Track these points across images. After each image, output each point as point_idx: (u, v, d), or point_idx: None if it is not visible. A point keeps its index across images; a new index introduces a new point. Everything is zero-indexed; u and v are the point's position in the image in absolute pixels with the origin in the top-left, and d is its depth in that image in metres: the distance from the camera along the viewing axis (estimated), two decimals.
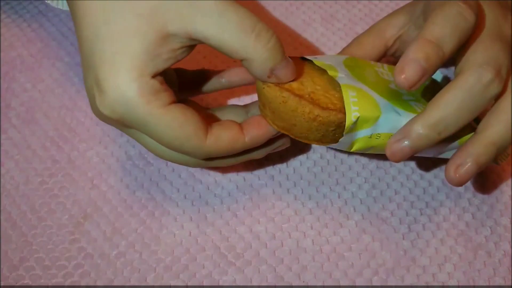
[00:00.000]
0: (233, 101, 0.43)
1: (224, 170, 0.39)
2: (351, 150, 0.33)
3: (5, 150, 0.40)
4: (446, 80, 0.40)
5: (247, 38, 0.29)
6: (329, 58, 0.35)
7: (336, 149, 0.40)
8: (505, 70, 0.30)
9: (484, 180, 0.39)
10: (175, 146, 0.31)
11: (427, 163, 0.39)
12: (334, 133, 0.31)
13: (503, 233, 0.36)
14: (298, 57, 0.35)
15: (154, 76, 0.29)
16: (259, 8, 0.48)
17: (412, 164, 0.39)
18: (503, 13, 0.33)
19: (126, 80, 0.28)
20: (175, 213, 0.37)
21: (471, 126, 0.34)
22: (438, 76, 0.39)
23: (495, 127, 0.30)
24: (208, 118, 0.34)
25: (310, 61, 0.34)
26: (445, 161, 0.39)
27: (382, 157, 0.38)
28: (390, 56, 0.39)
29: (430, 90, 0.36)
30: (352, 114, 0.30)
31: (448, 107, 0.29)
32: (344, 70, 0.33)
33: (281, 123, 0.32)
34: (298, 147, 0.40)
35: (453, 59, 0.33)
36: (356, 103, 0.31)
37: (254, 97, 0.43)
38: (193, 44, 0.30)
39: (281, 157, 0.40)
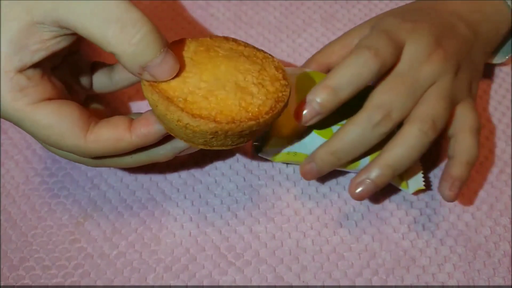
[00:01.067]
0: None
1: (224, 170, 0.39)
2: (275, 161, 0.38)
3: (5, 150, 0.40)
4: None
5: (110, 30, 0.26)
6: (293, 71, 0.38)
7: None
8: (397, 113, 0.33)
9: (484, 179, 0.39)
10: (52, 144, 0.30)
11: (426, 164, 0.39)
12: (216, 139, 0.29)
13: (503, 233, 0.36)
14: (196, 39, 0.31)
15: (22, 71, 0.28)
16: (258, 8, 0.48)
17: None
18: (428, 52, 0.35)
19: None
20: (175, 213, 0.37)
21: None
22: None
23: (392, 151, 0.33)
24: (99, 115, 0.32)
25: (217, 50, 0.31)
26: (444, 160, 0.39)
27: None
28: None
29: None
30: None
31: (345, 139, 0.34)
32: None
33: (163, 124, 0.30)
34: None
35: None
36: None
37: None
38: (69, 34, 0.28)
39: None
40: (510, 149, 0.40)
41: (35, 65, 0.28)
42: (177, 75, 0.29)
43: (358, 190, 0.34)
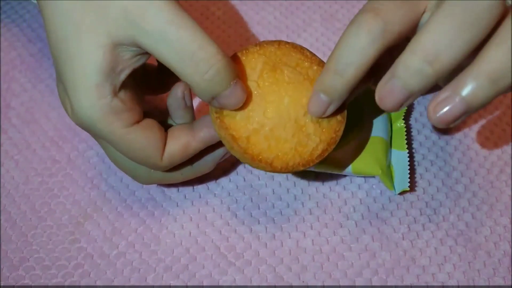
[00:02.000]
0: None
1: (224, 170, 0.39)
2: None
3: (5, 150, 0.40)
4: None
5: (184, 65, 0.27)
6: None
7: None
8: None
9: (484, 179, 0.39)
10: (136, 161, 0.32)
11: (425, 163, 0.39)
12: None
13: (503, 233, 0.36)
14: (265, 47, 0.31)
15: (116, 93, 0.29)
16: (258, 8, 0.48)
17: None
18: None
19: (88, 101, 0.28)
20: (175, 213, 0.37)
21: None
22: None
23: (491, 57, 0.24)
24: (164, 124, 0.34)
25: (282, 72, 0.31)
26: (444, 160, 0.39)
27: None
28: None
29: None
30: None
31: (441, 27, 0.24)
32: None
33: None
34: None
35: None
36: None
37: None
38: (147, 52, 0.29)
39: None
40: (510, 149, 0.40)
41: (123, 86, 0.29)
42: (244, 105, 0.30)
43: (441, 111, 0.25)
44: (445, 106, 0.25)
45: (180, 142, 0.32)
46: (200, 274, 0.35)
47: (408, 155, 0.37)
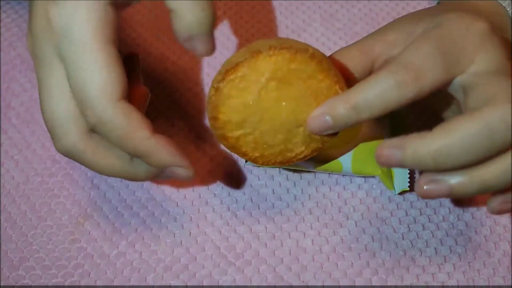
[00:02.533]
0: None
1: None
2: (262, 166, 0.38)
3: (5, 150, 0.40)
4: None
5: None
6: None
7: None
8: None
9: None
10: (85, 85, 0.27)
11: None
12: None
13: (503, 233, 0.36)
14: (281, 51, 0.29)
15: (111, 5, 0.27)
16: (259, 8, 0.48)
17: None
18: (507, 55, 0.29)
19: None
20: (175, 213, 0.37)
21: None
22: None
23: (490, 170, 0.27)
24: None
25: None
26: None
27: None
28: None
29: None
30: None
31: (456, 135, 0.26)
32: None
33: None
34: None
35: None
36: None
37: None
38: None
39: None
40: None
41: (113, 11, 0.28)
42: (241, 111, 0.30)
43: (429, 187, 0.28)
44: (433, 185, 0.28)
45: (143, 121, 0.28)
46: (200, 274, 0.35)
47: None
